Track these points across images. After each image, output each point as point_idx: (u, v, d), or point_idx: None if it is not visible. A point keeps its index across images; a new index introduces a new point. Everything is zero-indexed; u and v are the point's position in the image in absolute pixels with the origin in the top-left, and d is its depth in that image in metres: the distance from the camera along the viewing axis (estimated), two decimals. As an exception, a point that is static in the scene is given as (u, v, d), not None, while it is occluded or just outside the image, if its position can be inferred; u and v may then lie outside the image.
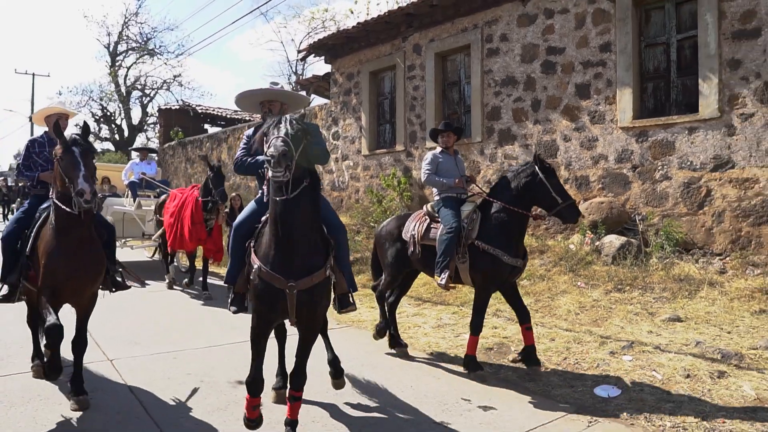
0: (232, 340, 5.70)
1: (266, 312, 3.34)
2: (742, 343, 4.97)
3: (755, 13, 6.99)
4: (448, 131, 5.40)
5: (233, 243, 3.83)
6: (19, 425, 3.66)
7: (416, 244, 5.20)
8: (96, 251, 3.94)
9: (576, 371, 4.84)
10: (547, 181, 4.73)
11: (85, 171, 3.55)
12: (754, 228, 7.05)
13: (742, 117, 7.11)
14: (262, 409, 3.50)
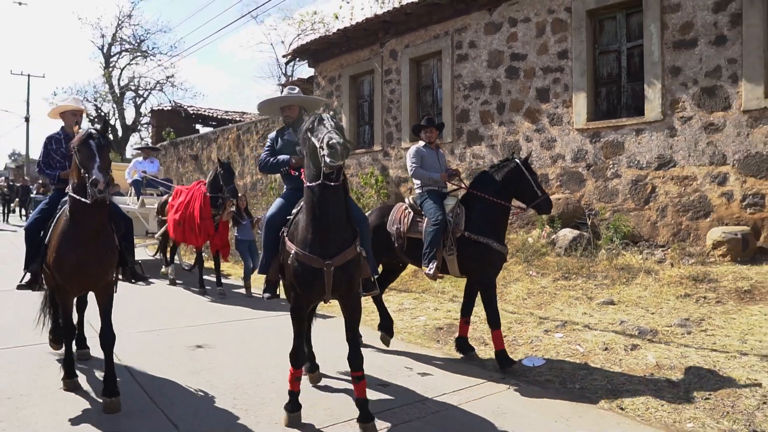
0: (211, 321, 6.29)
1: (305, 292, 3.63)
2: (660, 322, 5.58)
3: (693, 24, 7.62)
4: (431, 127, 5.58)
5: (266, 235, 4.08)
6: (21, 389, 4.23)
7: (402, 237, 5.35)
8: (108, 242, 4.02)
9: (512, 347, 5.44)
10: (530, 176, 5.07)
11: (101, 162, 3.67)
12: (693, 222, 7.68)
13: (682, 120, 7.73)
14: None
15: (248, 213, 9.55)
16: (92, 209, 3.79)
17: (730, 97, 7.29)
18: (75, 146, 3.78)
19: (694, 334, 5.20)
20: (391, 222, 5.48)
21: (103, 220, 3.95)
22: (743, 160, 7.19)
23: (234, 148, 18.29)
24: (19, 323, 5.90)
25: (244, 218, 9.15)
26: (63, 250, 3.87)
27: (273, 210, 4.18)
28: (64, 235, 3.89)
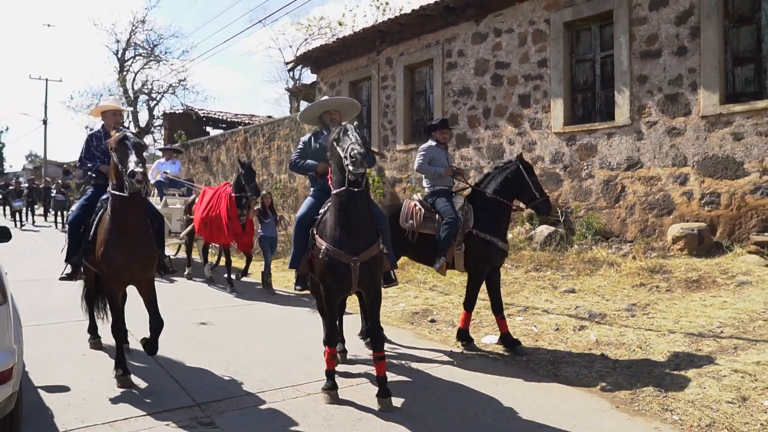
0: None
1: (335, 284, 3.97)
2: (611, 307, 6.23)
3: (657, 36, 8.23)
4: (444, 127, 5.88)
5: (297, 232, 4.41)
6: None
7: (414, 233, 5.53)
8: (148, 236, 4.27)
9: (477, 327, 6.12)
10: (528, 178, 5.32)
11: (137, 158, 3.90)
12: (658, 219, 8.30)
13: (648, 124, 8.35)
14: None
15: (273, 210, 9.69)
16: (131, 204, 4.03)
17: (690, 104, 7.90)
18: (112, 145, 4.05)
19: (637, 317, 5.85)
20: (404, 218, 5.61)
21: (141, 216, 4.20)
22: (701, 162, 7.79)
23: (242, 150, 19.08)
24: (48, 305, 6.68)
25: (268, 216, 9.30)
26: (110, 247, 4.08)
27: (303, 210, 4.53)
28: (109, 233, 4.11)
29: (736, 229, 7.51)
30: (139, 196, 4.04)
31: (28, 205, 22.01)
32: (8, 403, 2.73)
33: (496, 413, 3.85)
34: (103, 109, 5.07)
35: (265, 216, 9.35)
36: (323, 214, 4.16)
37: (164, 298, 4.76)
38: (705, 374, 4.33)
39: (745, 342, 4.77)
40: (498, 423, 3.70)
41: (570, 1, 9.27)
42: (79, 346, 5.22)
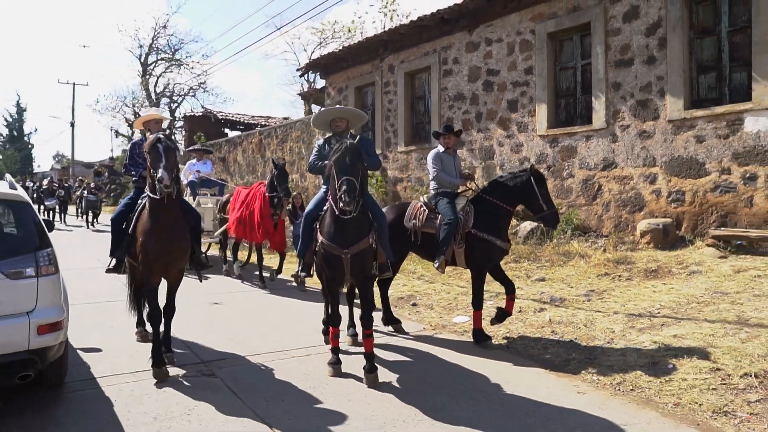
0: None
1: (331, 272, 4.58)
2: (572, 293, 6.99)
3: (630, 46, 8.94)
4: (449, 133, 6.04)
5: (305, 225, 4.93)
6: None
7: (417, 232, 5.87)
8: (182, 233, 4.56)
9: (451, 309, 6.94)
10: (538, 190, 5.44)
11: (166, 163, 4.13)
12: (630, 215, 9.01)
13: (622, 128, 9.06)
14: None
15: (303, 210, 10.17)
16: (165, 204, 4.33)
17: (658, 109, 8.60)
18: (146, 150, 4.35)
19: (592, 301, 6.61)
20: (408, 218, 5.95)
21: (176, 214, 4.51)
22: (668, 162, 8.49)
23: (257, 151, 20.09)
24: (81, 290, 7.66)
25: (298, 216, 9.41)
26: (146, 241, 4.43)
27: (310, 206, 5.03)
28: (145, 228, 4.46)
29: (698, 224, 8.20)
30: (171, 197, 4.31)
31: (61, 205, 22.49)
32: (59, 348, 3.67)
33: (455, 376, 4.67)
34: (146, 119, 5.45)
35: (295, 216, 9.70)
36: (325, 211, 4.63)
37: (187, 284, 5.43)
38: (629, 345, 5.10)
39: (672, 320, 5.52)
40: (452, 384, 4.52)
41: (553, 13, 10.00)
42: (107, 321, 6.18)
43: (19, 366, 3.40)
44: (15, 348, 3.34)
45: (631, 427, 3.65)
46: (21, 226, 3.73)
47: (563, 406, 4.01)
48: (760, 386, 4.02)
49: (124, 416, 3.67)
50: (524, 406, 4.03)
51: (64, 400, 3.97)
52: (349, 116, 5.31)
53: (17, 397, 3.94)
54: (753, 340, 4.69)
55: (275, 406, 3.94)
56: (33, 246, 3.58)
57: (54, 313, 3.53)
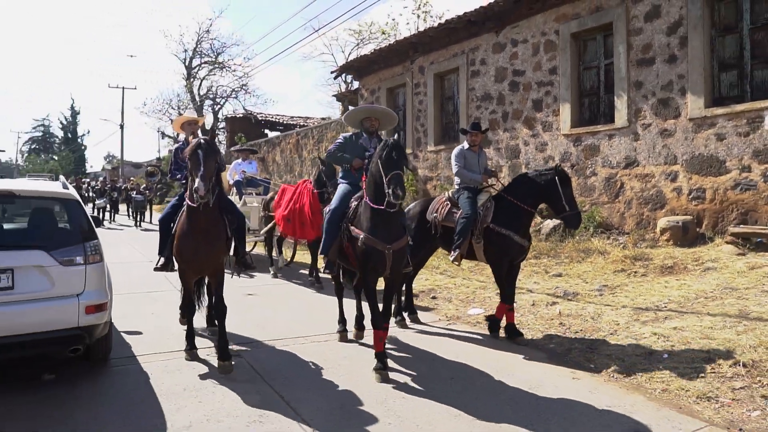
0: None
1: (372, 267, 4.60)
2: (586, 288, 7.20)
3: (651, 45, 9.03)
4: (476, 131, 6.20)
5: (331, 222, 4.92)
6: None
7: (437, 225, 6.05)
8: (218, 235, 4.63)
9: (467, 303, 7.26)
10: (561, 189, 5.42)
11: (204, 171, 4.14)
12: (652, 212, 9.11)
13: (643, 126, 9.17)
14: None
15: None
16: (201, 210, 4.38)
17: (679, 107, 8.68)
18: (186, 156, 4.40)
19: (603, 296, 6.82)
20: (431, 211, 6.17)
21: (212, 217, 4.56)
22: (689, 160, 8.56)
23: (294, 151, 20.76)
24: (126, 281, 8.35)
25: None
26: (181, 243, 4.58)
27: (336, 202, 5.08)
28: (182, 229, 4.59)
29: (719, 221, 8.25)
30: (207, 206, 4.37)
31: (112, 205, 22.93)
32: (104, 327, 4.22)
33: (458, 360, 5.03)
34: (182, 121, 5.59)
35: None
36: (356, 207, 4.73)
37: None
38: (630, 336, 5.34)
39: (676, 314, 5.71)
40: (452, 366, 4.88)
41: (576, 14, 10.16)
42: (148, 309, 6.79)
43: (70, 340, 3.96)
44: (67, 324, 3.90)
45: (615, 408, 3.93)
46: (72, 221, 4.29)
47: (555, 388, 4.31)
48: (747, 374, 4.23)
49: (158, 387, 4.19)
50: (515, 387, 4.35)
51: (109, 374, 4.53)
52: (381, 116, 5.45)
53: (70, 370, 4.52)
54: (748, 333, 4.87)
55: (292, 383, 4.39)
56: (82, 238, 4.15)
57: (99, 296, 4.08)
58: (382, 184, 4.34)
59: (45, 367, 4.52)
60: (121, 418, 3.68)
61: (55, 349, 4.01)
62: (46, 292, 3.89)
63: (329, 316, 6.45)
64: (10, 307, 3.76)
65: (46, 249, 3.94)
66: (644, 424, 3.67)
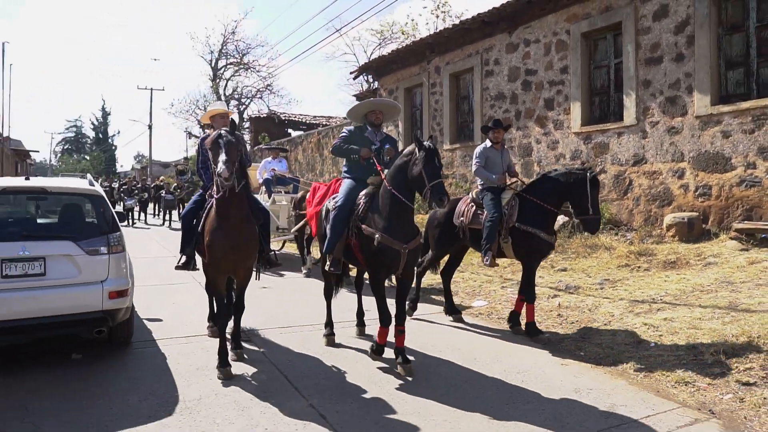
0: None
1: (386, 266, 4.53)
2: (589, 282, 7.41)
3: (659, 44, 9.16)
4: (498, 128, 6.16)
5: (338, 219, 4.74)
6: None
7: (465, 229, 6.04)
8: (250, 231, 4.46)
9: (473, 294, 7.54)
10: (590, 193, 5.40)
11: (227, 157, 3.97)
12: (659, 209, 9.24)
13: (652, 124, 9.30)
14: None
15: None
16: (230, 202, 4.23)
17: (686, 105, 8.80)
18: (207, 146, 4.24)
19: (604, 289, 7.02)
20: (457, 215, 6.14)
21: (244, 212, 4.41)
22: (696, 158, 8.68)
23: (315, 150, 21.21)
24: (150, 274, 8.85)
25: None
26: (213, 240, 4.35)
27: (343, 200, 4.84)
28: (212, 227, 4.37)
29: (724, 217, 8.36)
30: (235, 193, 4.23)
31: (141, 205, 22.45)
32: (126, 312, 4.64)
33: (453, 343, 5.33)
34: (212, 114, 5.26)
35: None
36: (365, 205, 4.64)
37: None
38: (622, 326, 5.56)
39: (669, 306, 5.90)
40: (447, 348, 5.18)
41: (586, 14, 10.32)
42: (170, 299, 7.24)
43: (95, 322, 4.39)
44: (92, 308, 4.33)
45: (595, 392, 4.18)
46: (97, 214, 4.72)
47: (542, 373, 4.58)
48: (726, 362, 4.43)
49: (174, 366, 4.60)
50: (502, 370, 4.62)
51: (131, 355, 4.96)
52: (384, 108, 5.32)
53: (95, 352, 4.96)
54: (733, 323, 5.05)
55: (294, 364, 4.75)
56: (106, 230, 4.57)
57: (121, 283, 4.50)
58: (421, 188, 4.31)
59: (73, 348, 4.98)
60: (140, 390, 4.08)
61: (81, 330, 4.45)
62: (73, 278, 4.33)
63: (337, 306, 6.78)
64: (42, 291, 4.20)
65: (74, 240, 4.38)
66: (620, 405, 3.91)
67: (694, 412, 3.78)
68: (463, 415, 3.73)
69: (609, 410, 3.83)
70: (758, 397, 3.88)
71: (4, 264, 4.09)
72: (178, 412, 3.70)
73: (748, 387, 4.03)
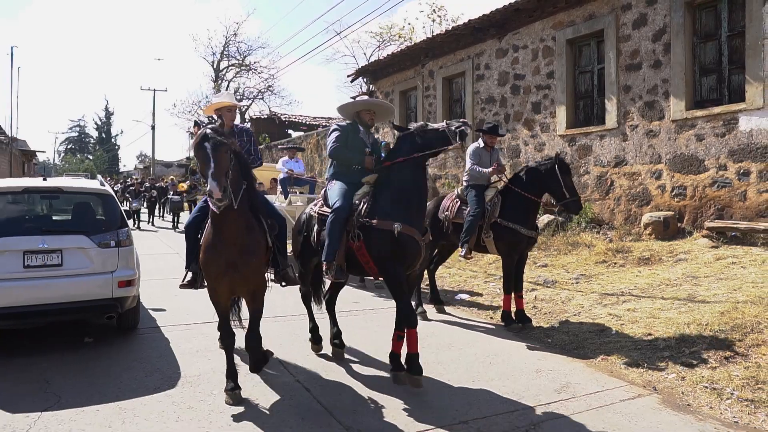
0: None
1: (407, 261, 4.21)
2: (566, 277, 7.87)
3: (639, 52, 9.62)
4: (492, 134, 6.51)
5: (336, 224, 4.29)
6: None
7: (449, 222, 6.32)
8: (253, 245, 3.85)
9: (455, 289, 8.01)
10: (561, 178, 5.65)
11: (215, 169, 3.37)
12: (638, 208, 9.70)
13: (631, 127, 9.76)
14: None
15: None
16: (226, 214, 3.63)
17: (663, 110, 9.26)
18: (193, 151, 3.67)
19: (579, 284, 7.49)
20: (442, 210, 6.42)
21: (244, 223, 3.82)
22: (672, 160, 9.14)
23: (315, 150, 21.70)
24: (154, 268, 9.33)
25: None
26: (207, 256, 3.82)
27: (342, 202, 4.40)
28: (208, 238, 3.84)
29: (698, 217, 8.82)
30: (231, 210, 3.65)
31: (150, 206, 21.50)
32: (133, 300, 5.14)
33: (432, 331, 5.80)
34: (217, 106, 4.63)
35: None
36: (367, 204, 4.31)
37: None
38: (589, 316, 6.04)
39: (635, 298, 6.37)
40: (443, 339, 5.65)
41: (571, 21, 10.78)
42: (173, 291, 7.68)
43: (106, 308, 4.90)
44: (104, 295, 4.83)
45: (554, 372, 4.65)
46: (107, 212, 5.22)
47: (509, 356, 5.05)
48: (675, 346, 4.90)
49: (176, 349, 5.10)
50: (473, 354, 5.10)
51: (138, 339, 5.46)
52: (377, 108, 4.99)
53: (106, 336, 5.45)
54: (688, 313, 5.52)
55: (288, 347, 5.23)
56: (115, 226, 5.08)
57: (129, 273, 5.00)
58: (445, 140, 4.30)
59: (86, 332, 5.49)
60: (146, 368, 4.57)
61: (93, 314, 4.96)
62: (87, 268, 4.83)
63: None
64: (59, 279, 4.71)
65: (87, 234, 4.88)
66: (575, 383, 4.38)
67: (639, 389, 4.25)
68: (430, 389, 4.21)
69: (563, 387, 4.30)
70: (698, 376, 4.34)
71: (26, 255, 4.60)
72: (180, 385, 4.20)
73: (691, 368, 4.49)
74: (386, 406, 3.94)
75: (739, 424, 3.64)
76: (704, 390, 4.12)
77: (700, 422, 3.66)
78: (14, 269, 4.56)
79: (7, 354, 4.93)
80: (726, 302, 5.53)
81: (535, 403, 3.97)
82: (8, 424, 3.51)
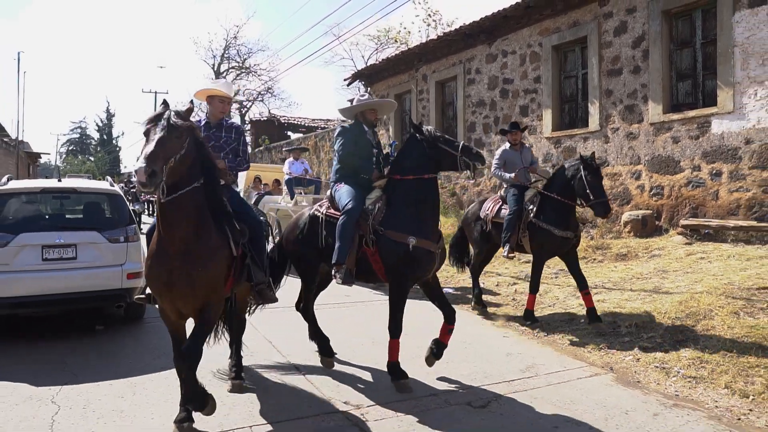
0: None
1: (420, 273, 4.19)
2: (547, 272, 8.26)
3: (620, 57, 10.09)
4: (514, 130, 6.56)
5: (348, 227, 4.16)
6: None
7: (488, 222, 6.47)
8: (204, 254, 3.20)
9: (442, 284, 8.47)
10: (587, 179, 5.60)
11: (152, 148, 2.87)
12: (620, 207, 10.16)
13: (613, 130, 10.23)
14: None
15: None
16: (170, 212, 3.09)
17: (642, 113, 9.72)
18: (142, 130, 3.10)
19: (558, 278, 7.96)
20: (483, 210, 6.58)
21: (191, 227, 3.18)
22: (651, 161, 9.60)
23: (312, 152, 22.17)
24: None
25: None
26: (152, 264, 3.27)
27: (354, 203, 4.25)
28: (152, 246, 3.31)
29: (674, 215, 9.28)
30: (176, 204, 3.08)
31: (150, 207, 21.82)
32: (140, 291, 5.60)
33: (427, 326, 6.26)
34: (209, 93, 4.25)
35: None
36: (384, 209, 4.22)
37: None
38: (562, 307, 6.51)
39: (606, 290, 6.84)
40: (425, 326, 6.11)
41: (557, 28, 11.25)
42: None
43: (116, 298, 5.39)
44: (114, 286, 5.32)
45: (523, 355, 5.12)
46: (116, 210, 5.70)
47: (484, 342, 5.52)
48: (635, 332, 5.36)
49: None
50: (454, 340, 5.52)
51: (144, 327, 5.95)
52: (378, 106, 4.89)
53: (115, 325, 5.93)
54: (651, 303, 5.98)
55: (276, 332, 5.71)
56: (124, 223, 5.56)
57: (137, 266, 5.48)
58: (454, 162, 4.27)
59: (97, 320, 5.97)
60: (153, 352, 5.05)
61: (104, 303, 5.45)
62: (98, 261, 5.32)
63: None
64: (74, 271, 5.21)
65: (98, 230, 5.37)
66: (540, 364, 4.85)
67: (597, 369, 4.72)
68: (409, 369, 4.67)
69: (528, 367, 4.77)
70: (651, 358, 4.81)
71: (44, 249, 5.09)
72: (183, 366, 4.66)
73: (646, 351, 4.96)
74: (365, 382, 4.41)
75: (679, 396, 4.10)
76: (654, 369, 4.58)
77: (645, 395, 4.12)
78: (34, 262, 5.06)
79: (27, 340, 5.45)
80: (686, 293, 5.99)
81: (501, 380, 4.43)
82: (34, 395, 3.99)
